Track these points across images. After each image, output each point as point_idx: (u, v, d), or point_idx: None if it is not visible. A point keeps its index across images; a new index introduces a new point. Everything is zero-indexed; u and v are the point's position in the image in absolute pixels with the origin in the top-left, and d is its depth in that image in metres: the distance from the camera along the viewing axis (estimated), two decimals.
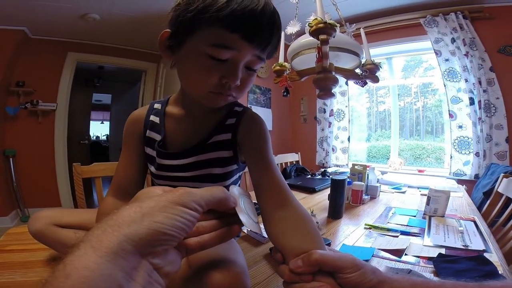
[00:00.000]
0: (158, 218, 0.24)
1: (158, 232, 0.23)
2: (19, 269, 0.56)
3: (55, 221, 0.56)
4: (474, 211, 1.08)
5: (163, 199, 0.26)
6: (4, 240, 0.72)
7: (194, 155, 0.50)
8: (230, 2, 0.38)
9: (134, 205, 0.25)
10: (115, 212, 0.24)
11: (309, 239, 0.38)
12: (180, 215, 0.25)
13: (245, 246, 0.72)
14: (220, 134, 0.50)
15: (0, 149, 2.77)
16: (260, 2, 0.40)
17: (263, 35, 0.41)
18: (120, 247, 0.21)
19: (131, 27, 2.86)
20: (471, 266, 0.55)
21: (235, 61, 0.42)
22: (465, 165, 2.18)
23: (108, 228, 0.22)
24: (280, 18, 0.44)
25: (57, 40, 3.03)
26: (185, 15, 0.40)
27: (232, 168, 0.53)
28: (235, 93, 0.45)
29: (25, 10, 2.32)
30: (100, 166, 1.06)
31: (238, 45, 0.40)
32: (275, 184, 0.44)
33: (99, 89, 4.79)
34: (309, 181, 1.62)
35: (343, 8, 2.32)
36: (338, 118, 2.96)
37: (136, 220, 0.23)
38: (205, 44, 0.40)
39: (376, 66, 1.02)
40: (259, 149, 0.48)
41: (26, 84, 2.87)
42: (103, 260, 0.19)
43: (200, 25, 0.40)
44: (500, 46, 2.06)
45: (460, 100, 2.20)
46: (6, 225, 2.64)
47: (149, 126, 0.53)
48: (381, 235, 0.80)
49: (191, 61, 0.43)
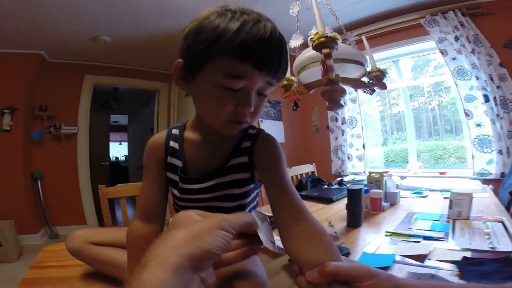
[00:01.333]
0: (207, 240, 0.29)
1: (207, 251, 0.28)
2: (58, 284, 0.61)
3: (90, 240, 0.60)
4: (502, 212, 1.04)
5: (208, 224, 0.31)
6: (42, 257, 0.77)
7: (214, 179, 0.52)
8: (239, 32, 0.40)
9: (186, 229, 0.30)
10: (170, 234, 0.29)
11: (324, 251, 0.39)
12: (222, 237, 0.30)
13: (264, 258, 0.73)
14: (237, 158, 0.52)
15: (28, 171, 2.94)
16: (267, 30, 0.41)
17: (273, 62, 0.43)
18: (181, 263, 0.26)
19: (140, 48, 3.00)
20: (497, 267, 0.54)
21: (248, 89, 0.43)
22: (489, 164, 2.09)
23: (170, 249, 0.27)
24: (285, 41, 0.47)
25: (73, 63, 3.21)
26: (196, 47, 0.42)
27: (250, 188, 0.55)
28: (249, 119, 0.47)
29: (40, 34, 2.48)
30: (124, 187, 1.12)
31: (249, 74, 0.42)
32: (291, 201, 0.46)
33: (115, 110, 4.99)
34: (325, 191, 1.61)
35: (342, 15, 2.36)
36: (350, 125, 2.93)
37: (190, 241, 0.28)
38: (218, 75, 0.42)
39: (382, 72, 1.03)
40: (274, 170, 0.50)
41: (48, 108, 3.05)
42: (169, 275, 0.24)
43: (212, 56, 0.42)
44: (505, 41, 2.02)
45: (474, 98, 2.14)
46: (36, 242, 2.81)
47: (169, 152, 0.56)
48: (402, 241, 0.78)
49: (205, 92, 0.45)
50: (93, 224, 3.29)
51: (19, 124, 2.78)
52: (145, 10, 2.24)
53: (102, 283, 0.60)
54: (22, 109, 2.80)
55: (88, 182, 3.34)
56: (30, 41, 2.63)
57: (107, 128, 4.87)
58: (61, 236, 3.04)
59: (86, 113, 3.35)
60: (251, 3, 2.20)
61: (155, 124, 3.94)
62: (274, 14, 2.34)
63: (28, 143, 2.97)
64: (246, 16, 0.42)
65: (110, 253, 0.59)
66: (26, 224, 2.75)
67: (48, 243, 2.81)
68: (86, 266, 0.65)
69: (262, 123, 2.88)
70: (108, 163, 4.66)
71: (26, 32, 2.43)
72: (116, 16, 2.31)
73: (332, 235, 0.84)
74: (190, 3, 2.18)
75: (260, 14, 0.44)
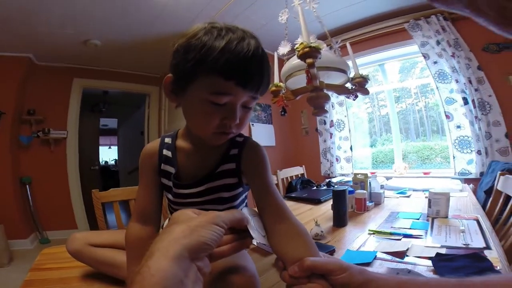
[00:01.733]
0: (201, 233, 0.33)
1: (202, 243, 0.33)
2: (58, 284, 0.63)
3: (90, 242, 0.63)
4: (478, 210, 1.11)
5: (203, 220, 0.36)
6: (40, 259, 0.79)
7: (205, 184, 0.56)
8: (224, 51, 0.43)
9: (183, 224, 0.35)
10: (170, 229, 0.34)
11: (304, 249, 0.44)
12: (214, 230, 0.35)
13: (255, 256, 0.77)
14: (225, 164, 0.56)
15: (17, 177, 2.90)
16: (250, 48, 0.44)
17: (255, 79, 0.46)
18: (180, 254, 0.30)
19: (130, 52, 3.00)
20: (467, 263, 0.59)
21: (233, 104, 0.47)
22: (469, 164, 2.20)
23: (171, 241, 0.32)
24: (267, 56, 0.49)
25: (62, 66, 3.17)
26: (184, 65, 0.45)
27: (238, 191, 0.59)
28: (235, 130, 0.51)
29: (29, 37, 2.46)
30: (117, 192, 1.15)
31: (234, 90, 0.45)
32: (275, 204, 0.50)
33: (105, 114, 4.94)
34: (314, 192, 1.66)
35: (330, 20, 2.46)
36: (338, 128, 3.01)
37: (187, 235, 0.33)
38: (205, 91, 0.45)
39: (365, 79, 1.08)
40: (260, 175, 0.54)
41: (36, 112, 3.01)
42: (172, 263, 0.29)
43: (199, 74, 0.45)
44: (483, 45, 2.10)
45: (454, 101, 2.24)
46: (27, 247, 2.77)
47: (163, 160, 0.59)
48: (384, 239, 0.84)
49: (194, 107, 0.49)
50: (84, 228, 3.26)
51: (6, 128, 2.74)
52: (137, 15, 2.25)
53: (102, 283, 0.63)
54: (9, 113, 2.75)
55: (78, 187, 3.30)
56: (18, 44, 2.60)
57: (97, 132, 4.82)
58: (52, 241, 3.00)
59: (76, 117, 3.31)
60: (243, 7, 2.24)
61: (146, 127, 3.93)
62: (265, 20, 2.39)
63: (16, 147, 2.93)
64: (231, 34, 0.44)
65: (110, 254, 0.62)
66: (16, 229, 2.72)
67: (39, 248, 2.76)
68: (85, 267, 0.67)
69: (253, 126, 2.92)
70: (98, 167, 4.60)
71: (16, 35, 2.40)
72: (108, 20, 2.31)
73: (319, 234, 0.88)
74: (181, 9, 2.21)
75: (244, 31, 0.47)
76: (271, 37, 2.88)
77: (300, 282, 0.40)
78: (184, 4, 2.14)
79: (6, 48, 2.63)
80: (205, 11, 2.25)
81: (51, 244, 2.94)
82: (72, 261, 0.67)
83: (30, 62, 2.92)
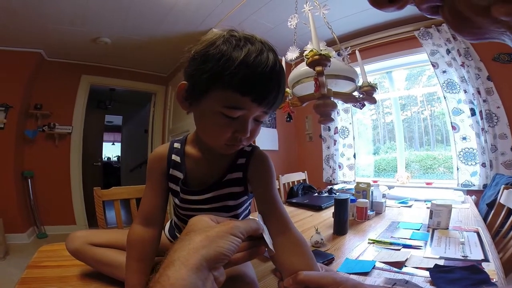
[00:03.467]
0: (220, 244, 0.34)
1: (221, 253, 0.34)
2: (55, 283, 0.63)
3: (89, 241, 0.63)
4: (479, 222, 1.10)
5: (221, 230, 0.36)
6: (38, 257, 0.79)
7: (211, 192, 0.57)
8: (242, 64, 0.42)
9: (202, 234, 0.35)
10: (188, 238, 0.35)
11: (301, 261, 0.45)
12: (233, 241, 0.36)
13: (255, 261, 0.77)
14: (232, 173, 0.57)
15: (19, 170, 2.92)
16: (269, 63, 0.44)
17: (271, 96, 0.46)
18: (200, 264, 0.31)
19: (139, 51, 3.03)
20: (465, 275, 0.59)
21: (246, 118, 0.47)
22: (473, 176, 2.18)
23: (191, 251, 0.32)
24: (284, 72, 0.50)
25: (71, 63, 3.23)
26: (200, 75, 0.45)
27: (243, 199, 0.60)
28: (245, 142, 0.52)
29: (41, 33, 2.50)
30: (119, 190, 1.15)
31: (248, 106, 0.45)
32: (277, 214, 0.51)
33: (110, 110, 4.98)
34: (315, 199, 1.66)
35: (339, 25, 2.45)
36: (342, 135, 3.00)
37: (207, 245, 0.33)
38: (220, 104, 0.45)
39: (373, 87, 1.08)
40: (265, 185, 0.55)
41: (43, 107, 3.05)
42: (191, 273, 0.30)
43: (215, 87, 0.45)
44: (494, 54, 2.08)
45: (461, 112, 2.22)
46: (24, 241, 2.77)
47: (171, 165, 0.60)
48: (384, 248, 0.84)
49: (206, 117, 0.49)
50: (82, 224, 3.27)
51: (13, 122, 2.78)
52: (147, 14, 2.28)
53: (100, 282, 0.63)
54: (17, 107, 2.79)
55: (80, 183, 3.33)
56: (30, 40, 2.64)
57: (101, 129, 4.85)
58: (49, 236, 3.01)
59: (81, 113, 3.35)
60: (251, 11, 2.26)
61: (150, 126, 3.96)
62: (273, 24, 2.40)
63: (21, 141, 2.96)
64: (250, 46, 0.44)
65: (110, 254, 0.62)
66: (14, 223, 2.73)
67: (36, 242, 2.79)
68: (83, 266, 0.67)
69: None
70: (100, 163, 4.63)
71: (29, 30, 2.45)
72: (119, 19, 2.35)
73: (319, 241, 0.89)
74: (190, 11, 2.23)
75: (263, 43, 0.46)
76: (278, 41, 2.87)
77: None
78: (193, 5, 2.16)
79: (19, 43, 2.68)
80: (214, 13, 2.28)
81: (48, 239, 2.95)
82: (71, 259, 0.67)
83: (40, 58, 2.96)
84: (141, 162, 4.76)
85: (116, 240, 0.64)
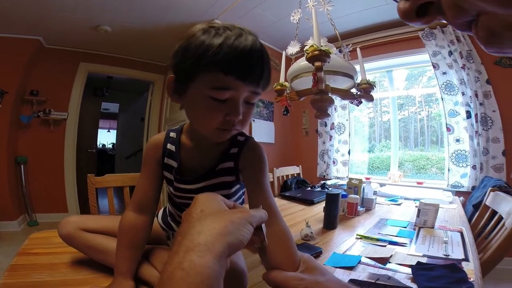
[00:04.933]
0: (242, 232, 0.33)
1: (241, 242, 0.33)
2: (45, 270, 0.63)
3: (82, 226, 0.63)
4: (464, 223, 1.14)
5: (241, 217, 0.35)
6: (29, 244, 0.78)
7: (204, 181, 0.58)
8: (222, 46, 0.43)
9: (225, 218, 0.33)
10: (209, 220, 0.33)
11: (283, 254, 0.47)
12: (250, 230, 0.35)
13: (245, 252, 0.78)
14: (224, 162, 0.58)
15: (13, 156, 2.89)
16: (248, 42, 0.45)
17: (255, 72, 0.46)
18: (223, 251, 0.29)
19: (140, 39, 3.00)
20: (444, 273, 0.62)
21: (235, 99, 0.47)
22: (463, 178, 2.23)
23: (217, 236, 0.30)
24: (266, 50, 0.49)
25: (70, 50, 3.19)
26: (184, 63, 0.46)
27: (236, 188, 0.61)
28: (238, 127, 0.51)
29: (42, 19, 2.46)
30: (113, 177, 1.14)
31: (234, 85, 0.45)
32: (266, 206, 0.51)
33: (107, 98, 4.94)
34: (308, 193, 1.69)
35: (343, 23, 2.44)
36: (338, 131, 3.02)
37: (231, 232, 0.32)
38: (206, 88, 0.45)
39: (371, 85, 1.08)
40: (255, 175, 0.55)
41: (40, 93, 3.01)
42: (215, 260, 0.28)
43: (199, 71, 0.45)
44: (496, 58, 2.09)
45: (457, 114, 2.25)
46: (14, 229, 2.73)
47: (166, 153, 0.61)
48: (370, 244, 0.86)
49: (196, 104, 0.49)
50: (75, 212, 3.26)
51: (7, 107, 2.73)
52: (150, 3, 2.25)
53: (90, 269, 0.63)
54: (12, 92, 2.75)
55: (73, 169, 3.31)
56: (29, 26, 2.60)
57: (97, 116, 4.81)
58: (40, 224, 2.97)
59: (78, 100, 3.31)
60: (255, 3, 2.24)
61: (147, 114, 3.94)
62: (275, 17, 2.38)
63: (16, 126, 2.93)
64: (229, 32, 0.45)
65: (102, 241, 0.63)
66: (4, 210, 2.70)
67: (27, 230, 2.75)
68: (74, 253, 0.67)
69: (254, 122, 2.93)
70: (95, 150, 4.61)
71: (28, 17, 2.41)
72: (121, 7, 2.31)
73: (308, 234, 0.91)
74: (194, 0, 2.20)
75: (242, 29, 0.47)
76: (280, 35, 2.90)
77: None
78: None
79: (18, 30, 2.64)
80: (217, 4, 2.25)
81: (39, 227, 2.92)
82: (61, 246, 0.66)
83: (39, 45, 2.93)
84: (137, 150, 4.75)
85: (109, 226, 0.65)
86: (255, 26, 2.53)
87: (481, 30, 0.19)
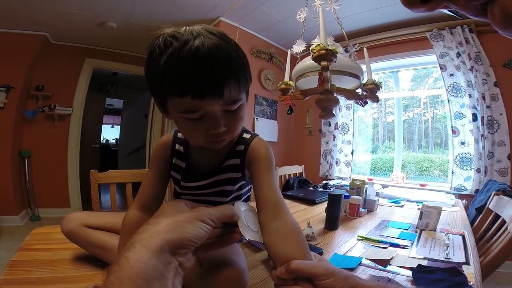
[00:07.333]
0: (186, 229, 0.34)
1: (186, 239, 0.33)
2: (46, 266, 0.63)
3: (85, 223, 0.64)
4: (466, 226, 1.13)
5: (190, 215, 0.36)
6: (30, 240, 0.78)
7: (210, 178, 0.59)
8: (166, 67, 0.40)
9: (170, 218, 0.34)
10: (155, 221, 0.34)
11: (295, 249, 0.45)
12: (201, 227, 0.35)
13: (247, 251, 0.79)
14: (230, 159, 0.58)
15: (17, 150, 2.92)
16: (193, 51, 0.39)
17: (212, 86, 0.41)
18: (161, 247, 0.30)
19: (145, 36, 3.00)
20: (445, 276, 0.62)
21: (210, 115, 0.44)
22: (466, 181, 2.21)
23: (154, 234, 0.32)
24: (229, 50, 0.43)
25: (75, 46, 3.22)
26: (150, 91, 0.46)
27: (240, 184, 0.62)
28: (227, 136, 0.49)
29: (49, 16, 2.49)
30: (116, 173, 1.15)
31: (196, 105, 0.42)
32: (271, 201, 0.51)
33: (112, 94, 4.96)
34: (310, 193, 1.68)
35: (349, 22, 2.42)
36: (342, 131, 3.01)
37: (172, 229, 0.33)
38: (176, 111, 0.44)
39: (377, 86, 1.07)
40: (260, 171, 0.55)
41: (45, 89, 3.04)
42: (151, 256, 0.29)
43: (162, 97, 0.45)
44: (505, 60, 2.06)
45: (463, 116, 2.23)
46: (16, 223, 2.74)
47: (175, 154, 0.61)
48: (371, 246, 0.86)
49: (178, 124, 0.49)
50: (77, 207, 3.28)
51: (13, 102, 2.76)
52: (156, 0, 2.25)
53: (91, 266, 0.64)
54: (18, 88, 2.78)
55: (77, 164, 3.34)
56: (36, 23, 2.63)
57: (102, 111, 4.84)
58: (42, 219, 2.99)
59: (83, 96, 3.34)
60: (261, 1, 2.23)
61: (150, 111, 3.96)
62: (281, 16, 2.38)
63: (20, 121, 2.96)
64: (176, 42, 0.41)
65: (104, 238, 0.63)
66: (8, 205, 2.71)
67: (29, 225, 2.77)
68: (75, 249, 0.67)
69: (257, 121, 2.93)
70: (98, 145, 4.64)
71: (35, 13, 2.43)
72: (127, 4, 2.32)
73: (310, 235, 0.91)
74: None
75: (193, 32, 0.42)
76: (285, 33, 2.89)
77: (286, 283, 0.42)
78: None
79: (24, 25, 2.67)
80: (222, 2, 2.25)
81: (41, 222, 2.94)
82: (62, 242, 0.66)
83: (45, 41, 2.95)
84: (139, 146, 4.77)
85: (113, 223, 0.65)
86: (260, 24, 2.53)
87: (497, 10, 0.19)
